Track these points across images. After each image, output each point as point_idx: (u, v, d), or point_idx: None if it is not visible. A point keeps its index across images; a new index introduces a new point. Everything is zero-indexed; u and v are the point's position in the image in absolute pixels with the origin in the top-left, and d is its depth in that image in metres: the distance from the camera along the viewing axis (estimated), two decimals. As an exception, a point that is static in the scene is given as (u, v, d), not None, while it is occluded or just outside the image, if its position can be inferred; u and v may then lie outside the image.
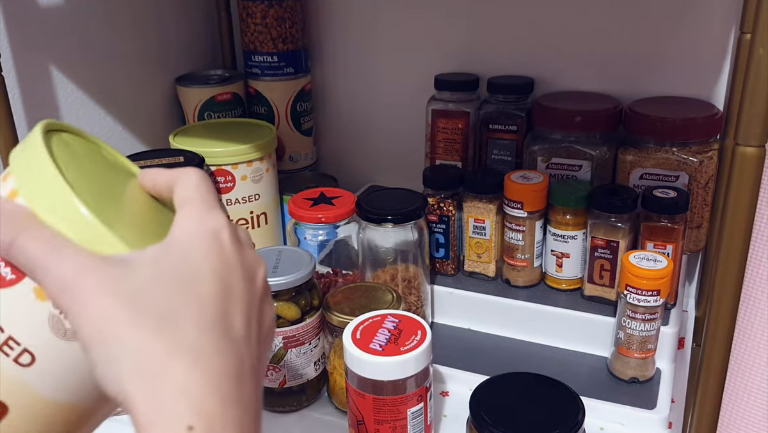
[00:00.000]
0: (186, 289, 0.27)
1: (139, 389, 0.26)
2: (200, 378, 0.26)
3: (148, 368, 0.26)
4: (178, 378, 0.25)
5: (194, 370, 0.26)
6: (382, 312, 0.56)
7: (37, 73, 0.70)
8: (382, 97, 0.91)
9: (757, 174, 0.44)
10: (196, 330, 0.26)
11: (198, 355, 0.26)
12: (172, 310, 0.26)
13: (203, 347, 0.26)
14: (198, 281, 0.28)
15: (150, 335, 0.26)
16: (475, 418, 0.50)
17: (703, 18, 0.72)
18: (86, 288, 0.26)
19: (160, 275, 0.27)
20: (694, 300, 0.78)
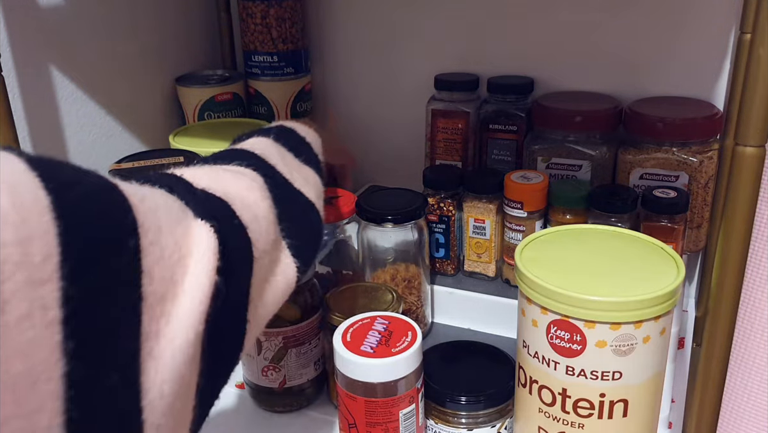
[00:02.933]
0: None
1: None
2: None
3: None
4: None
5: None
6: (371, 314, 0.56)
7: (37, 73, 0.70)
8: (382, 97, 0.91)
9: (757, 174, 0.44)
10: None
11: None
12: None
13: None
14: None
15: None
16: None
17: (703, 18, 0.72)
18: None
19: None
20: (694, 300, 0.78)
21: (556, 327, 0.45)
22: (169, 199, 0.30)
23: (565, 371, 0.46)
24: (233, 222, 0.34)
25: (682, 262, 0.47)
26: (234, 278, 0.32)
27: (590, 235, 0.52)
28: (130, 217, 0.26)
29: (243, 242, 0.34)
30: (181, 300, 0.27)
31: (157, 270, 0.26)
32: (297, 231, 0.41)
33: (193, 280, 0.28)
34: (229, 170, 0.39)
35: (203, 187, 0.35)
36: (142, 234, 0.26)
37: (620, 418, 0.46)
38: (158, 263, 0.27)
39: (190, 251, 0.29)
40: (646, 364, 0.45)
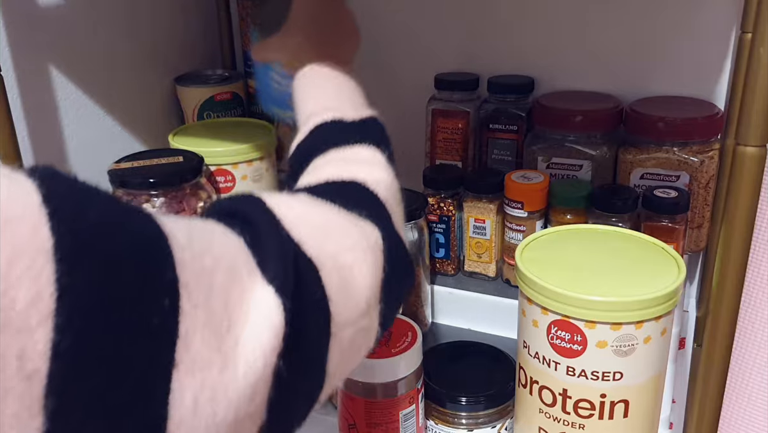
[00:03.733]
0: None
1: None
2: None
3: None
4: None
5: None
6: None
7: (37, 73, 0.70)
8: (382, 97, 0.90)
9: (758, 174, 0.44)
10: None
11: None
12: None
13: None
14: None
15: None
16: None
17: (704, 18, 0.72)
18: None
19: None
20: (695, 300, 0.77)
21: (557, 327, 0.45)
22: (239, 255, 0.27)
23: (566, 372, 0.46)
24: (313, 292, 0.29)
25: (683, 262, 0.47)
26: (302, 360, 0.28)
27: (591, 235, 0.52)
28: (169, 275, 0.23)
29: (320, 317, 0.30)
30: (227, 375, 0.24)
31: (197, 336, 0.24)
32: (396, 289, 0.36)
33: (245, 357, 0.25)
34: (346, 219, 0.34)
35: (297, 240, 0.30)
36: (183, 295, 0.23)
37: (621, 418, 0.46)
38: (200, 329, 0.24)
39: (246, 319, 0.26)
40: (647, 364, 0.45)
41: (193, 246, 0.25)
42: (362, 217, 0.35)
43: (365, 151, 0.42)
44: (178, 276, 0.23)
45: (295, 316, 0.27)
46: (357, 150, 0.42)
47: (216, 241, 0.27)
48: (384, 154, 0.43)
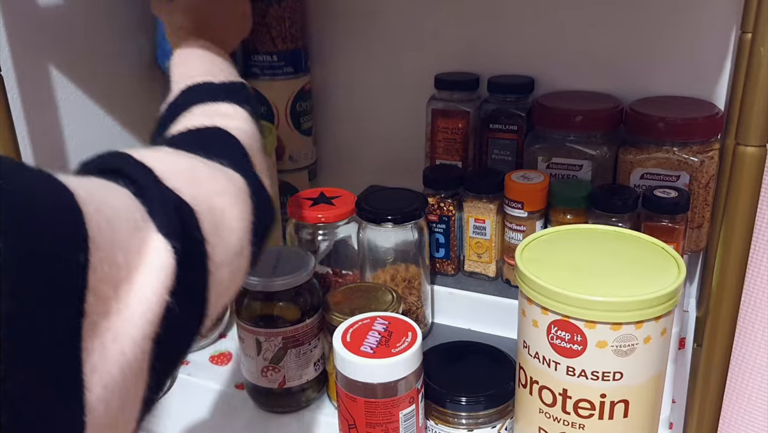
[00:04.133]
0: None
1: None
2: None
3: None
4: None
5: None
6: (371, 314, 0.56)
7: (37, 73, 0.70)
8: (382, 97, 0.91)
9: (758, 174, 0.44)
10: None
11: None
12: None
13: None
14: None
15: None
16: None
17: (703, 17, 0.72)
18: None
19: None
20: (695, 300, 0.77)
21: (557, 327, 0.45)
22: (132, 206, 0.29)
23: (566, 372, 0.46)
24: (194, 236, 0.32)
25: (683, 262, 0.47)
26: (187, 296, 0.31)
27: (591, 235, 0.52)
28: (82, 231, 0.25)
29: (200, 258, 0.33)
30: (126, 316, 0.27)
31: (103, 287, 0.26)
32: (263, 230, 0.41)
33: (142, 298, 0.27)
34: (211, 167, 0.38)
35: (174, 188, 0.33)
36: (92, 249, 0.25)
37: (621, 418, 0.46)
38: (105, 280, 0.26)
39: (142, 264, 0.28)
40: (647, 364, 0.45)
41: (94, 200, 0.26)
42: (226, 164, 0.38)
43: (228, 107, 0.46)
44: (87, 231, 0.25)
45: (182, 257, 0.30)
46: (220, 105, 0.46)
47: (109, 194, 0.29)
48: (246, 110, 0.46)
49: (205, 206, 0.34)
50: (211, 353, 0.73)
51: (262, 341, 0.61)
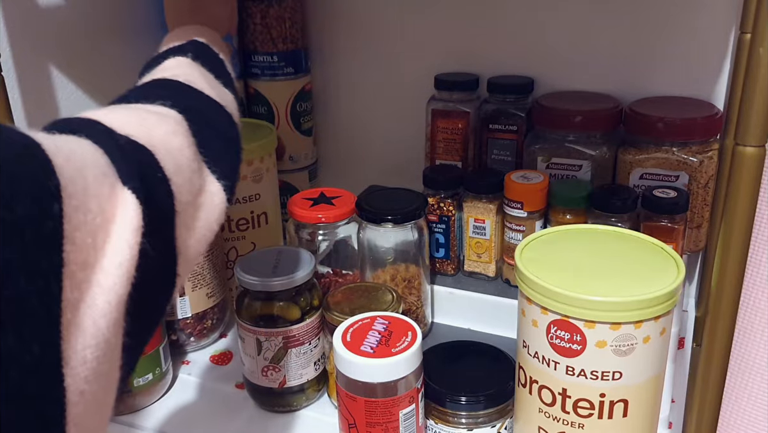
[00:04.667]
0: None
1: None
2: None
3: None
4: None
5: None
6: (371, 314, 0.56)
7: (37, 73, 0.70)
8: (382, 97, 0.91)
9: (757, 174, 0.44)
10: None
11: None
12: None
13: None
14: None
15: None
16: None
17: (703, 18, 0.72)
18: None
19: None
20: (694, 300, 0.78)
21: (556, 327, 0.45)
22: (96, 155, 0.30)
23: (565, 371, 0.46)
24: (157, 176, 0.33)
25: (682, 262, 0.47)
26: (158, 237, 0.32)
27: (590, 235, 0.52)
28: (55, 181, 0.25)
29: (166, 198, 0.34)
30: (103, 265, 0.27)
31: (79, 235, 0.26)
32: (224, 161, 0.41)
33: (116, 245, 0.28)
34: (154, 112, 0.38)
35: (127, 134, 0.33)
36: (65, 198, 0.25)
37: (620, 418, 0.46)
38: (81, 228, 0.26)
39: (114, 214, 0.29)
40: (646, 364, 0.45)
41: (61, 151, 0.27)
42: (168, 105, 0.39)
43: (169, 61, 0.47)
44: (59, 180, 0.25)
45: (148, 200, 0.30)
46: (162, 63, 0.48)
47: (74, 145, 0.29)
48: (187, 56, 0.48)
49: (163, 147, 0.35)
50: (211, 353, 0.73)
51: (263, 340, 0.61)
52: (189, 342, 0.73)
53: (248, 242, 0.76)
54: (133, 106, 0.39)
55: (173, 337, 0.71)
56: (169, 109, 0.39)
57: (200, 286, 0.71)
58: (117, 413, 0.64)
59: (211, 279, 0.72)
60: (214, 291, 0.72)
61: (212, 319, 0.74)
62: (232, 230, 0.75)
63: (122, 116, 0.35)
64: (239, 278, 0.61)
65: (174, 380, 0.69)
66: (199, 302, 0.71)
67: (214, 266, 0.72)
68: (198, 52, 0.49)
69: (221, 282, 0.74)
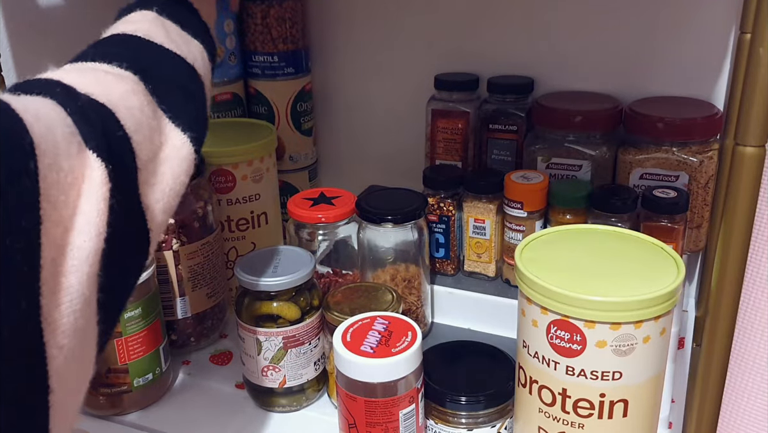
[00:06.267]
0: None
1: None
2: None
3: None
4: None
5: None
6: (371, 314, 0.56)
7: (37, 73, 0.70)
8: (382, 97, 0.91)
9: (757, 174, 0.44)
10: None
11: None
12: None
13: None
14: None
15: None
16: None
17: (703, 18, 0.72)
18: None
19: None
20: (694, 300, 0.78)
21: (556, 327, 0.45)
22: (61, 115, 0.30)
23: (565, 371, 0.46)
24: (117, 134, 0.34)
25: (682, 262, 0.47)
26: (124, 194, 0.33)
27: (590, 235, 0.52)
28: (28, 138, 0.26)
29: (128, 155, 0.34)
30: (75, 223, 0.28)
31: (54, 193, 0.26)
32: (187, 113, 0.42)
33: (86, 203, 0.28)
34: (111, 72, 0.38)
35: (87, 93, 0.34)
36: (39, 156, 0.26)
37: (620, 418, 0.46)
38: (55, 186, 0.27)
39: (82, 174, 0.29)
40: (646, 364, 0.45)
41: (30, 109, 0.27)
42: (122, 66, 0.39)
43: (133, 15, 0.47)
44: (32, 138, 0.26)
45: (110, 155, 0.31)
46: (127, 16, 0.47)
47: (40, 104, 0.29)
48: (153, 10, 0.47)
49: (122, 105, 0.35)
50: (211, 353, 0.73)
51: (263, 340, 0.61)
52: (189, 342, 0.73)
53: (248, 242, 0.76)
54: (91, 65, 0.39)
55: (173, 337, 0.71)
56: (125, 71, 0.39)
57: (200, 286, 0.71)
58: (117, 413, 0.64)
59: (211, 279, 0.72)
60: (214, 291, 0.72)
61: (212, 319, 0.74)
62: (232, 230, 0.75)
63: (81, 76, 0.36)
64: (239, 278, 0.61)
65: (174, 380, 0.69)
66: (199, 302, 0.71)
67: (214, 266, 0.72)
68: (165, 4, 0.48)
69: (221, 282, 0.74)
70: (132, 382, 0.64)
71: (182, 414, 0.65)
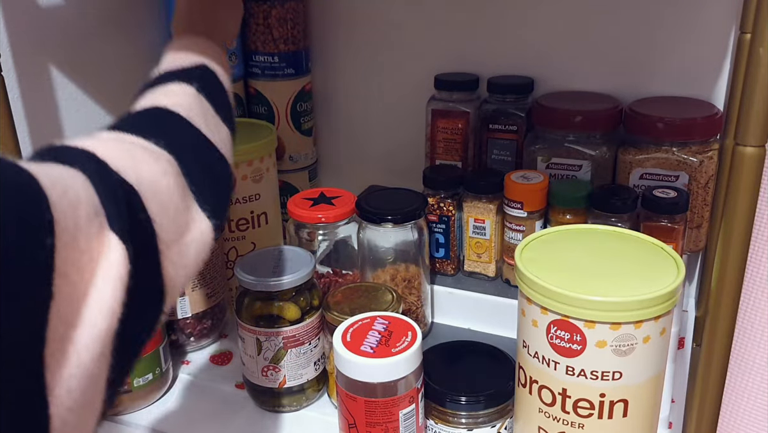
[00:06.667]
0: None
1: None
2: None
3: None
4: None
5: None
6: (371, 314, 0.56)
7: (37, 73, 0.70)
8: (382, 97, 0.91)
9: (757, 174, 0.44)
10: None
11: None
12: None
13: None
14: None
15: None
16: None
17: (703, 18, 0.72)
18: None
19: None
20: (694, 300, 0.78)
21: (556, 327, 0.45)
22: (89, 193, 0.30)
23: (565, 371, 0.46)
24: (140, 216, 0.34)
25: (682, 262, 0.47)
26: (144, 276, 0.32)
27: (590, 235, 0.52)
28: (48, 215, 0.26)
29: (151, 238, 0.34)
30: (89, 302, 0.28)
31: (69, 270, 0.27)
32: (215, 200, 0.42)
33: (103, 283, 0.28)
34: (147, 150, 0.38)
35: (118, 170, 0.34)
36: (58, 233, 0.26)
37: (620, 418, 0.46)
38: (71, 264, 0.27)
39: (101, 253, 0.29)
40: (646, 364, 0.45)
41: (56, 185, 0.27)
42: (162, 144, 0.39)
43: (175, 86, 0.47)
44: (53, 215, 0.26)
45: (133, 241, 0.31)
46: (168, 86, 0.47)
47: (69, 180, 0.29)
48: (193, 86, 0.47)
49: (148, 186, 0.35)
50: (211, 353, 0.73)
51: (263, 340, 0.61)
52: (189, 342, 0.73)
53: (248, 242, 0.76)
54: (129, 139, 0.39)
55: (173, 337, 0.71)
56: (162, 150, 0.40)
57: (200, 286, 0.71)
58: (117, 412, 0.64)
59: (211, 279, 0.72)
60: (214, 291, 0.72)
61: (212, 319, 0.74)
62: (232, 230, 0.75)
63: (116, 151, 0.36)
64: (239, 278, 0.61)
65: (174, 380, 0.69)
66: (199, 302, 0.71)
67: (214, 266, 0.72)
68: (204, 83, 0.49)
69: (221, 282, 0.74)
70: (132, 382, 0.64)
71: (182, 414, 0.65)
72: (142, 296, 0.32)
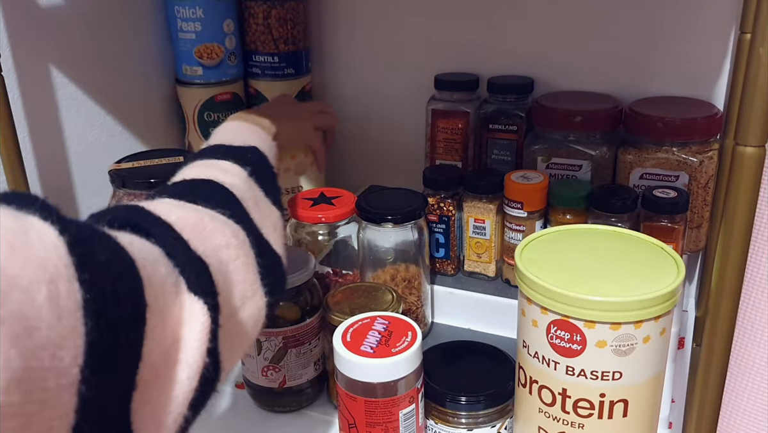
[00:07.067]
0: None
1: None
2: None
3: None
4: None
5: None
6: (371, 314, 0.56)
7: (37, 73, 0.70)
8: (382, 97, 0.91)
9: (757, 174, 0.44)
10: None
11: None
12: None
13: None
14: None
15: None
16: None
17: (703, 18, 0.72)
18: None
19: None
20: (694, 300, 0.78)
21: (556, 327, 0.45)
22: (169, 269, 0.30)
23: (565, 371, 0.46)
24: (211, 289, 0.33)
25: (682, 262, 0.47)
26: (211, 355, 0.32)
27: (590, 235, 0.52)
28: (143, 302, 0.26)
29: (213, 310, 0.33)
30: (173, 382, 0.28)
31: (153, 357, 0.27)
32: (274, 277, 0.42)
33: (185, 365, 0.29)
34: (215, 219, 0.38)
35: (186, 240, 0.34)
36: (149, 319, 0.26)
37: (620, 418, 0.46)
38: (155, 350, 0.27)
39: (183, 331, 0.29)
40: (646, 364, 0.45)
41: (147, 266, 0.27)
42: (227, 215, 0.39)
43: (227, 164, 0.47)
44: (146, 301, 0.26)
45: (214, 312, 0.31)
46: (221, 162, 0.47)
47: (151, 258, 0.29)
48: (246, 170, 0.47)
49: (215, 259, 0.35)
50: (211, 353, 0.73)
51: (263, 340, 0.61)
52: (189, 342, 0.73)
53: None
54: (197, 208, 0.39)
55: (173, 337, 0.71)
56: (229, 220, 0.39)
57: (200, 286, 0.71)
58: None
59: (211, 279, 0.71)
60: (214, 291, 0.72)
61: (212, 319, 0.73)
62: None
63: (186, 218, 0.35)
64: (239, 278, 0.61)
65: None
66: (199, 302, 0.71)
67: (214, 266, 0.72)
68: (257, 167, 0.49)
69: (221, 282, 0.74)
70: (132, 382, 0.64)
71: (182, 414, 0.65)
72: (203, 378, 0.31)
